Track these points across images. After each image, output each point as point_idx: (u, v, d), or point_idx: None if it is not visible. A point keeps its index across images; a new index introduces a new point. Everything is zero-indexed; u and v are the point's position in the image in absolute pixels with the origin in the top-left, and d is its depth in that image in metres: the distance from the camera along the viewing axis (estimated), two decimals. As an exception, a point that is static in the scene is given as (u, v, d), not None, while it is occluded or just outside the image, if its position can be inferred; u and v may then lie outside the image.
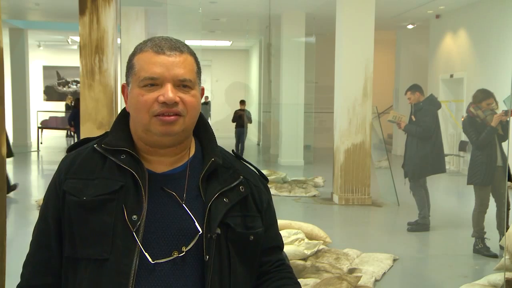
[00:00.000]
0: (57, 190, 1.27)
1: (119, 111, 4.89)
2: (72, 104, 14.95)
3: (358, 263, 4.88)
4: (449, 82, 11.86)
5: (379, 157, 10.11)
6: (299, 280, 1.49)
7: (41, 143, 14.59)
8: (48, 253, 1.27)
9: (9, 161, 11.46)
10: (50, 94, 19.47)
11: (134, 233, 1.20)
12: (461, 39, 11.26)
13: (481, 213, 5.43)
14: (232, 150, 1.42)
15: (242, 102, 12.60)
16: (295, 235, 4.94)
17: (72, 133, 15.37)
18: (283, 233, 4.70)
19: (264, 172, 8.65)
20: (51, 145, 15.23)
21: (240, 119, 12.23)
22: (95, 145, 1.29)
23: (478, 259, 5.29)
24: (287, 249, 4.46)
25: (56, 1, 10.86)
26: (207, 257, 1.22)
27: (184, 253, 1.21)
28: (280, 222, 3.82)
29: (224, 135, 9.22)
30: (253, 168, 1.41)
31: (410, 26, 13.19)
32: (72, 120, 11.80)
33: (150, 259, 1.19)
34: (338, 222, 7.17)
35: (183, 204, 1.24)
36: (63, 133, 17.04)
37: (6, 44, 13.56)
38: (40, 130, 14.79)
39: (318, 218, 6.87)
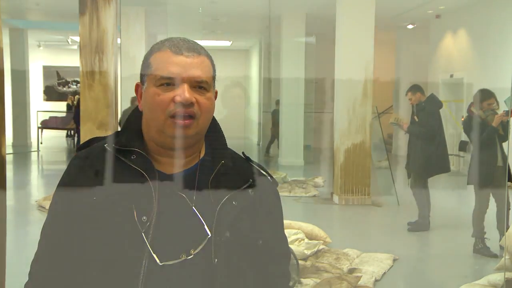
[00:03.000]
0: (67, 189, 1.27)
1: (119, 111, 4.88)
2: (74, 103, 14.93)
3: (358, 263, 4.88)
4: (449, 82, 11.85)
5: (379, 157, 10.11)
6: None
7: (41, 143, 14.58)
8: (57, 252, 1.26)
9: (9, 161, 11.46)
10: (50, 94, 19.46)
11: (143, 234, 1.19)
12: (461, 39, 11.26)
13: (481, 213, 5.42)
14: (243, 152, 1.41)
15: (277, 102, 12.66)
16: (295, 235, 4.94)
17: (72, 133, 15.38)
18: (283, 233, 4.69)
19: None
20: (51, 145, 15.22)
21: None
22: (105, 145, 1.28)
23: (478, 259, 5.29)
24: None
25: (56, 1, 10.86)
26: (216, 260, 1.21)
27: (192, 256, 1.20)
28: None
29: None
30: (262, 171, 1.39)
31: (410, 26, 13.18)
32: (76, 119, 11.80)
33: (158, 261, 1.18)
34: (338, 222, 7.17)
35: (193, 207, 1.23)
36: (63, 133, 17.03)
37: (6, 44, 13.55)
38: (40, 130, 14.78)
39: (318, 218, 6.87)
